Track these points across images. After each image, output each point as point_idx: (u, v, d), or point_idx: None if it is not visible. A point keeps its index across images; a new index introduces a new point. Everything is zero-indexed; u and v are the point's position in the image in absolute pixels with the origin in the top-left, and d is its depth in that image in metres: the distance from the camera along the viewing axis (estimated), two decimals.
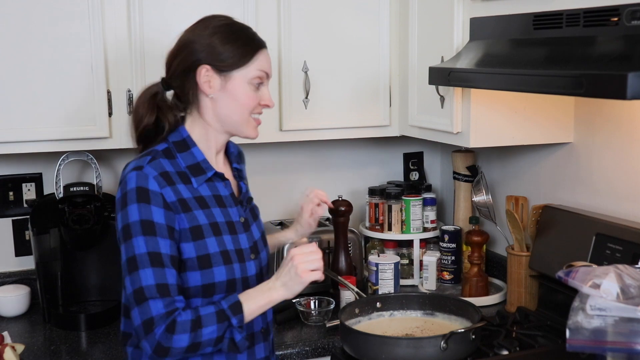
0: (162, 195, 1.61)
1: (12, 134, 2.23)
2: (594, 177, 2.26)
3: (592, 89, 1.50)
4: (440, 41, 2.31)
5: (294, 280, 1.65)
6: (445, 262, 2.66)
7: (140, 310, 1.56)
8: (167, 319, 1.55)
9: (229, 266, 1.68)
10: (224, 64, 1.69)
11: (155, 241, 1.58)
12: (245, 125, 1.74)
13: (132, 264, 1.58)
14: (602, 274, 1.52)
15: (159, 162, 1.66)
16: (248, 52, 1.70)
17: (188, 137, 1.73)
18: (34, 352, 2.16)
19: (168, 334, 1.54)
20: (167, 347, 1.55)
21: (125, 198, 1.61)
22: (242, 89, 1.70)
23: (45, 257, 2.40)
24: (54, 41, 2.22)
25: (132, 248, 1.58)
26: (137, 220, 1.59)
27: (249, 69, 1.70)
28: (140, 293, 1.56)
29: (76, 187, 2.39)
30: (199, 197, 1.69)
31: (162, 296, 1.56)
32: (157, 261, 1.58)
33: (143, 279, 1.56)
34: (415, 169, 3.04)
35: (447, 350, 1.90)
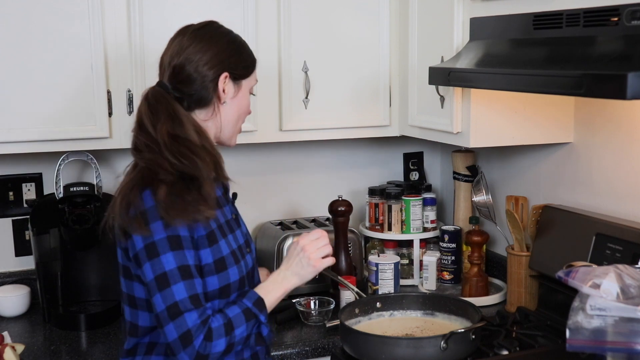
0: None
1: (12, 134, 2.23)
2: (594, 177, 2.26)
3: (592, 89, 1.50)
4: (440, 41, 2.31)
5: (306, 269, 1.76)
6: (445, 262, 2.66)
7: (175, 325, 1.56)
8: (204, 328, 1.57)
9: (239, 265, 1.72)
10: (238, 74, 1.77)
11: (182, 254, 1.59)
12: (235, 133, 1.81)
13: (163, 281, 1.57)
14: (602, 274, 1.52)
15: None
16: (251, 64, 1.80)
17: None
18: (34, 352, 2.16)
19: (207, 342, 1.57)
20: (206, 354, 1.57)
21: (145, 215, 1.60)
22: (246, 97, 1.79)
23: (45, 257, 2.40)
24: (54, 41, 2.22)
25: (161, 265, 1.57)
26: (164, 237, 1.58)
27: (251, 79, 1.80)
28: (175, 308, 1.56)
29: (76, 187, 2.39)
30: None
31: (195, 307, 1.57)
32: (187, 273, 1.58)
33: (176, 294, 1.56)
34: (415, 169, 3.04)
35: (447, 350, 1.90)
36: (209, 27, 1.76)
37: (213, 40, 1.72)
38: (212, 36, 1.73)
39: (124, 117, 2.33)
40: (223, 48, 1.72)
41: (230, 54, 1.72)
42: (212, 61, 1.70)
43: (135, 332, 1.72)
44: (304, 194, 2.91)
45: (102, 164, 2.58)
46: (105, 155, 2.60)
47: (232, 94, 1.74)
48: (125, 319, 1.75)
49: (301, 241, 1.77)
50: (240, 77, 1.75)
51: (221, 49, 1.72)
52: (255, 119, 2.44)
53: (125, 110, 2.33)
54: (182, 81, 1.70)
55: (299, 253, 1.76)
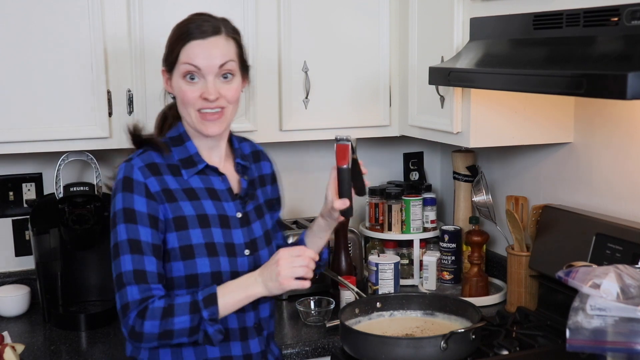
0: (145, 185, 1.66)
1: (12, 134, 2.23)
2: (594, 177, 2.26)
3: (592, 89, 1.50)
4: (440, 41, 2.31)
5: (273, 283, 1.64)
6: (445, 262, 2.66)
7: (119, 295, 1.63)
8: (140, 305, 1.60)
9: (214, 258, 1.69)
10: (166, 64, 1.75)
11: (135, 229, 1.64)
12: (195, 122, 1.72)
13: (115, 250, 1.65)
14: (602, 274, 1.52)
15: (148, 154, 1.71)
16: (175, 48, 1.72)
17: (184, 132, 1.77)
18: (34, 352, 2.16)
19: (139, 319, 1.59)
20: (139, 332, 1.60)
21: (114, 188, 1.69)
22: (179, 84, 1.71)
23: (45, 257, 2.40)
24: (54, 41, 2.22)
25: (115, 235, 1.65)
26: (121, 208, 1.66)
27: (179, 66, 1.71)
28: (120, 279, 1.63)
29: (76, 187, 2.39)
30: (187, 188, 1.71)
31: (138, 282, 1.61)
32: (136, 248, 1.63)
33: (122, 265, 1.63)
34: (415, 169, 3.04)
35: (447, 350, 1.90)
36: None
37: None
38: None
39: (124, 117, 2.33)
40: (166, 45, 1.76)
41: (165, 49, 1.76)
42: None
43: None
44: (304, 194, 2.91)
45: (102, 164, 2.58)
46: (105, 155, 2.60)
47: (171, 84, 1.75)
48: None
49: (280, 252, 1.65)
50: (168, 69, 1.75)
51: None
52: (255, 118, 2.44)
53: (125, 110, 2.33)
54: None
55: (274, 263, 1.64)
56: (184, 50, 1.70)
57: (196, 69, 1.69)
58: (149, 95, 2.33)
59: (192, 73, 1.69)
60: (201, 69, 1.69)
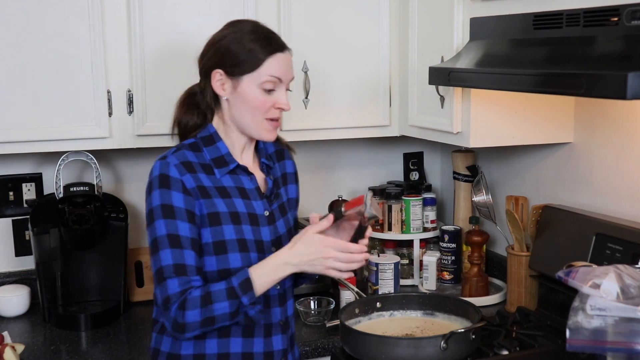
0: (182, 181, 1.70)
1: (12, 134, 2.23)
2: (594, 177, 2.26)
3: (592, 89, 1.50)
4: (440, 41, 2.30)
5: (313, 269, 1.69)
6: (445, 262, 2.66)
7: (160, 289, 1.65)
8: (181, 297, 1.63)
9: (245, 254, 1.73)
10: (235, 69, 1.74)
11: (174, 224, 1.67)
12: (258, 128, 1.78)
13: (154, 245, 1.67)
14: (602, 274, 1.52)
15: (182, 153, 1.75)
16: (259, 57, 1.74)
17: (215, 133, 1.81)
18: (34, 352, 2.16)
19: (180, 310, 1.63)
20: (181, 323, 1.63)
21: (150, 185, 1.71)
22: (251, 92, 1.75)
23: (45, 257, 2.40)
24: (54, 41, 2.22)
25: (154, 230, 1.68)
26: (159, 204, 1.68)
27: (259, 74, 1.74)
28: (160, 273, 1.65)
29: (76, 187, 2.40)
30: (220, 186, 1.76)
31: (178, 275, 1.64)
32: (176, 242, 1.66)
33: (163, 259, 1.65)
34: (415, 169, 3.04)
35: (447, 350, 1.90)
36: (227, 25, 1.80)
37: (218, 36, 1.78)
38: (220, 33, 1.79)
39: (124, 117, 2.33)
40: (223, 45, 1.76)
41: (227, 51, 1.74)
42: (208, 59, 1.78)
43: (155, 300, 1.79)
44: (304, 194, 2.89)
45: (102, 164, 2.58)
46: (105, 155, 2.60)
47: (230, 89, 1.76)
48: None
49: (333, 241, 1.68)
50: (238, 74, 1.74)
51: (222, 46, 1.76)
52: None
53: (125, 111, 2.33)
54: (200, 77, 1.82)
55: (318, 247, 1.67)
56: (269, 62, 1.74)
57: (278, 81, 1.76)
58: (149, 95, 2.33)
59: (273, 85, 1.75)
60: (282, 82, 1.76)
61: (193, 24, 2.35)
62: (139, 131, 2.34)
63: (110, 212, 2.45)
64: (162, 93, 2.34)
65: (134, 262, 2.60)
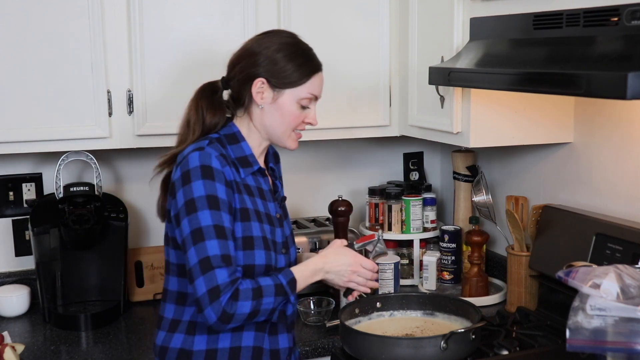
0: (223, 173, 1.70)
1: (12, 134, 2.23)
2: (594, 177, 2.26)
3: (592, 89, 1.50)
4: (440, 41, 2.30)
5: (337, 278, 1.83)
6: (445, 262, 2.66)
7: (205, 278, 1.62)
8: (232, 287, 1.63)
9: (268, 252, 1.76)
10: (280, 81, 1.77)
11: (219, 215, 1.67)
12: (286, 138, 1.84)
13: (198, 235, 1.64)
14: (602, 274, 1.52)
15: (216, 145, 1.75)
16: (304, 74, 1.79)
17: (238, 132, 1.82)
18: (34, 352, 2.16)
19: (233, 301, 1.62)
20: (231, 313, 1.62)
21: (188, 175, 1.68)
22: (290, 106, 1.79)
23: (45, 257, 2.40)
24: (54, 41, 2.22)
25: (197, 220, 1.65)
26: (203, 195, 1.66)
27: (301, 90, 1.79)
28: (207, 262, 1.63)
29: (76, 187, 2.40)
30: (245, 184, 1.78)
31: (227, 266, 1.64)
32: (222, 233, 1.66)
33: (210, 249, 1.63)
34: (415, 169, 3.04)
35: (447, 350, 1.90)
36: (268, 34, 1.83)
37: (261, 45, 1.79)
38: (261, 41, 1.80)
39: (124, 117, 2.33)
40: (268, 55, 1.77)
41: (273, 63, 1.76)
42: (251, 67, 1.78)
43: (165, 297, 1.82)
44: (304, 194, 2.91)
45: (102, 164, 2.58)
46: (105, 155, 2.60)
47: (269, 99, 1.78)
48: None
49: (360, 257, 1.85)
50: (281, 86, 1.77)
51: (265, 55, 1.77)
52: None
53: (126, 111, 2.33)
54: (231, 79, 1.83)
55: (349, 263, 1.82)
56: (312, 80, 1.80)
57: (314, 98, 1.83)
58: (149, 95, 2.33)
59: (310, 102, 1.82)
60: (317, 99, 1.84)
61: (193, 24, 2.35)
62: (139, 131, 2.34)
63: (110, 212, 2.45)
64: (162, 93, 2.34)
65: (134, 262, 2.60)
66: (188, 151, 1.72)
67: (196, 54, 2.36)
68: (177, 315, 1.77)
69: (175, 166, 1.73)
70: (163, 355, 1.78)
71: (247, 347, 1.76)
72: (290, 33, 1.85)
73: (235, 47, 2.46)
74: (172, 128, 2.34)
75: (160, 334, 1.80)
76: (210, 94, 1.83)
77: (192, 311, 1.76)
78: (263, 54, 1.77)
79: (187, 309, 1.76)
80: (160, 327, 1.81)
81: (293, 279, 1.72)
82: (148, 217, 2.72)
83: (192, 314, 1.76)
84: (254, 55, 1.78)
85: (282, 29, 1.88)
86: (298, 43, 1.82)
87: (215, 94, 1.83)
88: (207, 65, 2.36)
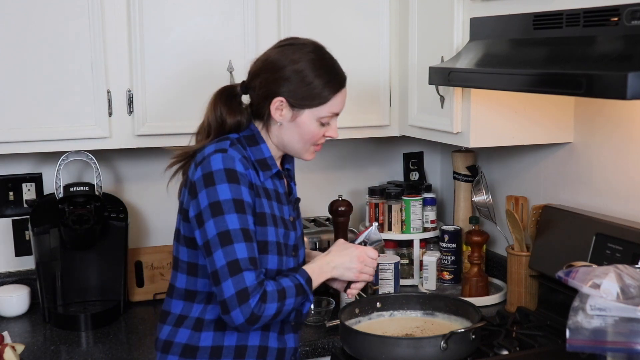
0: (247, 176, 1.70)
1: (12, 134, 2.23)
2: (594, 177, 2.26)
3: (592, 89, 1.50)
4: (440, 41, 2.30)
5: (347, 273, 1.83)
6: (445, 262, 2.66)
7: (234, 281, 1.62)
8: (260, 289, 1.64)
9: (280, 257, 1.76)
10: (300, 102, 1.75)
11: (245, 218, 1.67)
12: (304, 152, 1.83)
13: (226, 238, 1.64)
14: (602, 274, 1.52)
15: (238, 147, 1.74)
16: (326, 94, 1.76)
17: (258, 134, 1.80)
18: (34, 352, 2.16)
19: (261, 303, 1.63)
20: (259, 315, 1.64)
21: (211, 177, 1.67)
22: (309, 125, 1.78)
23: (45, 257, 2.40)
24: (54, 41, 2.22)
25: (224, 223, 1.65)
26: (229, 198, 1.66)
27: (321, 110, 1.77)
28: (236, 265, 1.63)
29: (76, 187, 2.40)
30: (264, 187, 1.77)
31: (255, 268, 1.65)
32: (248, 237, 1.67)
33: (238, 251, 1.64)
34: (415, 169, 3.04)
35: (447, 350, 1.90)
36: (292, 47, 1.77)
37: (284, 59, 1.75)
38: (285, 55, 1.76)
39: (124, 117, 2.33)
40: (288, 73, 1.74)
41: (293, 82, 1.74)
42: (271, 83, 1.75)
43: (171, 293, 1.82)
44: (304, 194, 2.89)
45: (102, 164, 2.58)
46: (105, 155, 2.60)
47: (288, 117, 1.76)
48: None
49: (363, 249, 1.85)
50: (301, 107, 1.75)
51: (286, 73, 1.74)
52: None
53: (126, 111, 2.33)
54: (250, 87, 1.80)
55: (355, 256, 1.82)
56: (334, 99, 1.78)
57: (335, 115, 1.81)
58: (149, 95, 2.33)
59: (329, 120, 1.80)
60: (338, 114, 1.82)
61: (193, 24, 2.35)
62: (139, 131, 2.34)
63: (110, 212, 2.45)
64: (162, 93, 2.34)
65: (134, 262, 2.60)
66: (209, 151, 1.70)
67: (196, 53, 2.36)
68: (185, 311, 1.78)
69: (195, 165, 1.72)
70: (167, 350, 1.78)
71: (253, 347, 1.77)
72: (315, 45, 1.80)
73: (236, 47, 2.47)
74: (172, 128, 2.36)
75: (165, 329, 1.80)
76: (228, 98, 1.81)
77: (200, 308, 1.76)
78: (287, 70, 1.74)
79: (195, 306, 1.77)
80: (165, 321, 1.81)
81: (309, 278, 1.74)
82: (148, 217, 2.72)
83: (200, 311, 1.76)
84: (276, 71, 1.75)
85: (305, 38, 1.83)
86: (322, 58, 1.78)
87: (234, 98, 1.81)
88: (207, 65, 2.37)
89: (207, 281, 1.75)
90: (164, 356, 1.78)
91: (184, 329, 1.77)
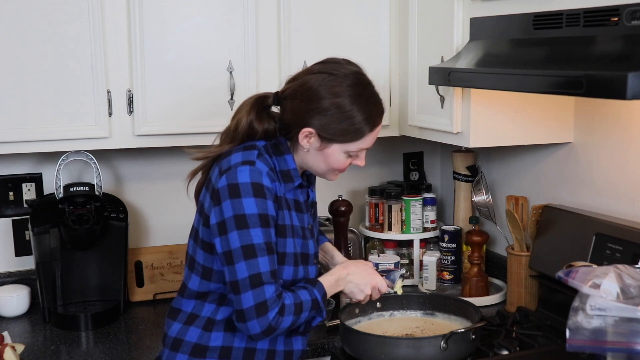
0: (273, 189, 1.71)
1: (12, 134, 2.23)
2: (594, 177, 2.26)
3: (592, 89, 1.50)
4: (440, 41, 2.30)
5: (358, 289, 1.86)
6: (445, 262, 2.66)
7: (254, 293, 1.65)
8: (279, 302, 1.67)
9: (295, 268, 1.77)
10: (329, 136, 1.73)
11: (269, 233, 1.69)
12: (327, 174, 1.83)
13: (250, 251, 1.66)
14: (602, 274, 1.52)
15: (265, 159, 1.73)
16: (358, 134, 1.74)
17: (285, 144, 1.79)
18: (34, 352, 2.16)
19: (279, 316, 1.66)
20: (275, 327, 1.67)
21: (237, 189, 1.66)
22: (336, 157, 1.77)
23: (45, 257, 2.40)
24: (54, 41, 2.22)
25: (249, 237, 1.66)
26: (256, 213, 1.67)
27: (350, 145, 1.76)
28: (258, 278, 1.65)
29: (76, 187, 2.40)
30: (285, 198, 1.77)
31: (275, 282, 1.68)
32: (271, 250, 1.69)
33: (262, 265, 1.66)
34: (415, 169, 3.04)
35: (447, 350, 1.90)
36: (333, 75, 1.72)
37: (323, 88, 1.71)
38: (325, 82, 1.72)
39: (124, 117, 2.33)
40: (324, 106, 1.71)
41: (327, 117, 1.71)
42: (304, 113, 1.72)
43: (183, 292, 1.83)
44: None
45: (102, 164, 2.58)
46: (105, 155, 2.60)
47: (316, 146, 1.75)
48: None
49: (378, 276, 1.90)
50: (330, 142, 1.74)
51: (323, 106, 1.71)
52: None
53: (126, 111, 2.33)
54: (283, 103, 1.78)
55: (369, 275, 1.87)
56: (368, 136, 1.77)
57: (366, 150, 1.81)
58: (149, 95, 2.33)
59: (358, 154, 1.80)
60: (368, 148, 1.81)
61: (193, 24, 2.35)
62: (139, 131, 2.34)
63: (110, 212, 2.45)
64: (162, 93, 2.34)
65: (134, 262, 2.60)
66: (236, 161, 1.69)
67: (196, 53, 2.36)
68: (197, 310, 1.79)
69: (220, 171, 1.71)
70: (177, 348, 1.78)
71: (262, 350, 1.78)
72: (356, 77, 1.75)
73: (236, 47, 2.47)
74: (172, 128, 2.36)
75: (175, 326, 1.80)
76: (261, 107, 1.78)
77: (212, 308, 1.77)
78: (323, 103, 1.70)
79: (207, 305, 1.78)
80: (175, 318, 1.81)
81: (325, 294, 1.77)
82: (148, 217, 2.72)
83: (212, 311, 1.77)
84: (311, 101, 1.71)
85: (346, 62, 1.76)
86: (362, 94, 1.73)
87: (266, 108, 1.79)
88: (207, 65, 2.37)
89: (221, 285, 1.76)
90: (173, 354, 1.78)
91: (194, 328, 1.77)
